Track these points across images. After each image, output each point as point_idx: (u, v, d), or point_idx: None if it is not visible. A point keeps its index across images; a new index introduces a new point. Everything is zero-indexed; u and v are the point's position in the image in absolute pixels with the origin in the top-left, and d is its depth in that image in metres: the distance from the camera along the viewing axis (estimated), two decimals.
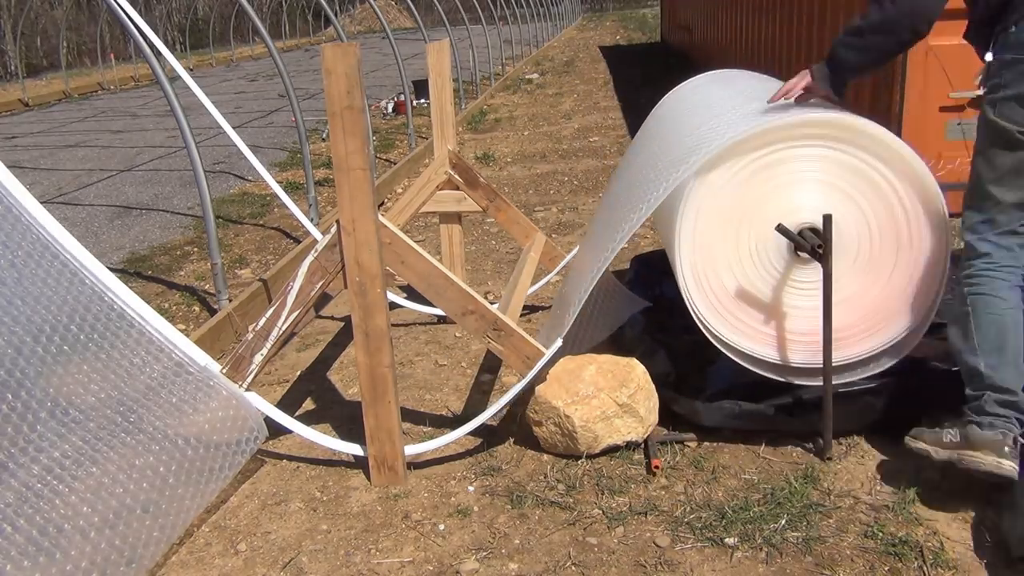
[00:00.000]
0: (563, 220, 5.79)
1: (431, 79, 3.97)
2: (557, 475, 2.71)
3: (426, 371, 3.59)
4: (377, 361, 2.60)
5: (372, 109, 11.50)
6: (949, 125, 4.69)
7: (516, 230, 4.14)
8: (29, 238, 2.42)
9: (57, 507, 2.06)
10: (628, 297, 3.34)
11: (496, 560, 2.35)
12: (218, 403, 2.61)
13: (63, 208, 7.29)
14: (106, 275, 2.56)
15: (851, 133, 2.52)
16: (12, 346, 2.13)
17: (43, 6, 25.61)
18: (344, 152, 2.44)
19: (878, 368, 2.67)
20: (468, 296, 2.68)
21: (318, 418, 3.22)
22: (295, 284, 2.62)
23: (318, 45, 3.13)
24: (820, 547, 2.28)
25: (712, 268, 2.66)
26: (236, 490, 2.78)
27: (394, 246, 2.61)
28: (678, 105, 3.49)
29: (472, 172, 4.03)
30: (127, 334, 2.51)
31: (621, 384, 2.74)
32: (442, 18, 12.06)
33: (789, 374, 2.70)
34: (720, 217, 2.62)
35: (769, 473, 2.64)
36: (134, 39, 3.95)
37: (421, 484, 2.74)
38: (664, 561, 2.28)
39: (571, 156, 8.06)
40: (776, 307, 2.68)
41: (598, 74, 15.15)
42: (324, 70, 2.37)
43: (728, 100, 3.04)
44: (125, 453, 2.30)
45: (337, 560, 2.41)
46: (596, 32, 28.49)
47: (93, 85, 19.67)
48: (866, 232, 2.59)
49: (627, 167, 3.44)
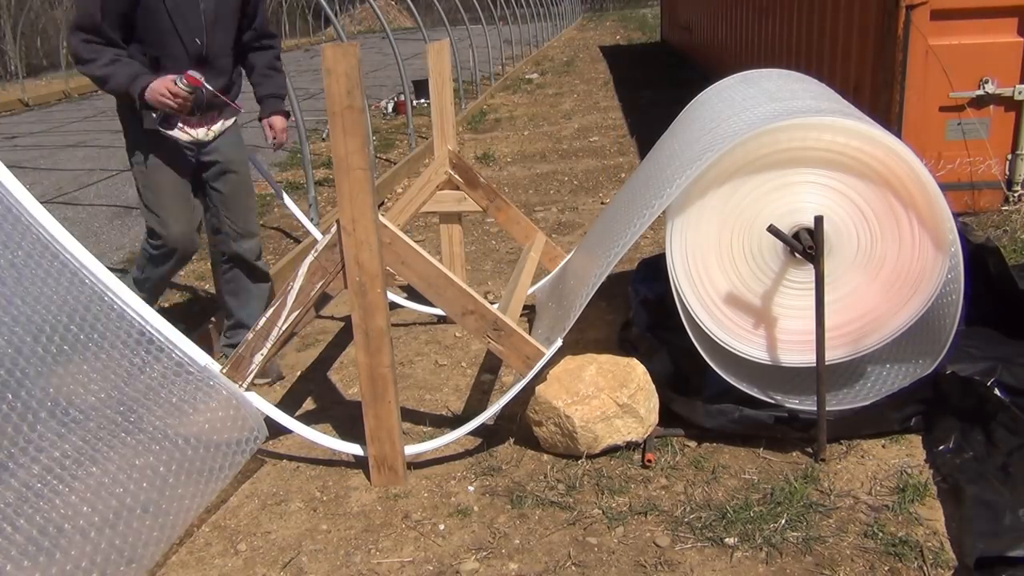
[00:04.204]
0: (563, 220, 5.79)
1: (431, 79, 3.97)
2: (557, 475, 2.71)
3: (426, 371, 3.59)
4: (377, 361, 2.60)
5: (372, 109, 11.49)
6: (949, 125, 4.69)
7: (516, 230, 4.14)
8: (29, 238, 2.42)
9: (57, 507, 2.06)
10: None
11: (496, 560, 2.34)
12: (218, 403, 2.61)
13: (63, 208, 7.29)
14: (106, 275, 2.56)
15: (849, 136, 2.52)
16: (12, 346, 2.13)
17: (43, 6, 25.58)
18: (344, 152, 2.44)
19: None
20: (468, 296, 2.68)
21: (318, 418, 3.21)
22: (295, 284, 2.61)
23: (318, 45, 3.14)
24: (820, 547, 2.28)
25: (705, 268, 2.67)
26: (236, 490, 2.78)
27: (394, 246, 2.61)
28: (703, 105, 3.47)
29: (472, 172, 4.03)
30: (127, 334, 2.50)
31: (621, 384, 2.74)
32: (442, 18, 12.05)
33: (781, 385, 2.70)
34: (715, 219, 2.62)
35: (769, 473, 2.64)
36: None
37: (421, 484, 2.74)
38: (664, 561, 2.28)
39: (571, 156, 8.06)
40: (771, 307, 2.68)
41: (598, 74, 15.14)
42: (324, 70, 2.37)
43: (746, 101, 3.03)
44: (125, 453, 2.30)
45: (337, 560, 2.41)
46: (596, 32, 28.48)
47: (93, 85, 19.62)
48: (865, 230, 2.59)
49: (644, 166, 3.45)
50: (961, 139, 4.71)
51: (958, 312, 2.55)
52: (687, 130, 3.13)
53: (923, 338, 2.70)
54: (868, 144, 2.51)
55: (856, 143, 2.52)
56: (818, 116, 2.53)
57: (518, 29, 18.88)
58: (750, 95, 3.02)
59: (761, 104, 2.80)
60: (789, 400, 2.72)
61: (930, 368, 2.64)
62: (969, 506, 2.28)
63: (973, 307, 2.70)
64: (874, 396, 2.69)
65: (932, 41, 4.50)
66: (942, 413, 2.68)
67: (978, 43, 4.54)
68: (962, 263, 2.57)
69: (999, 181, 4.78)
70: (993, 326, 2.97)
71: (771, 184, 2.59)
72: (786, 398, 2.72)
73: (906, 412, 2.72)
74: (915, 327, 2.63)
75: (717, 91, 3.42)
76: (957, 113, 4.65)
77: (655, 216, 2.60)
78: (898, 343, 2.70)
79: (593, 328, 3.77)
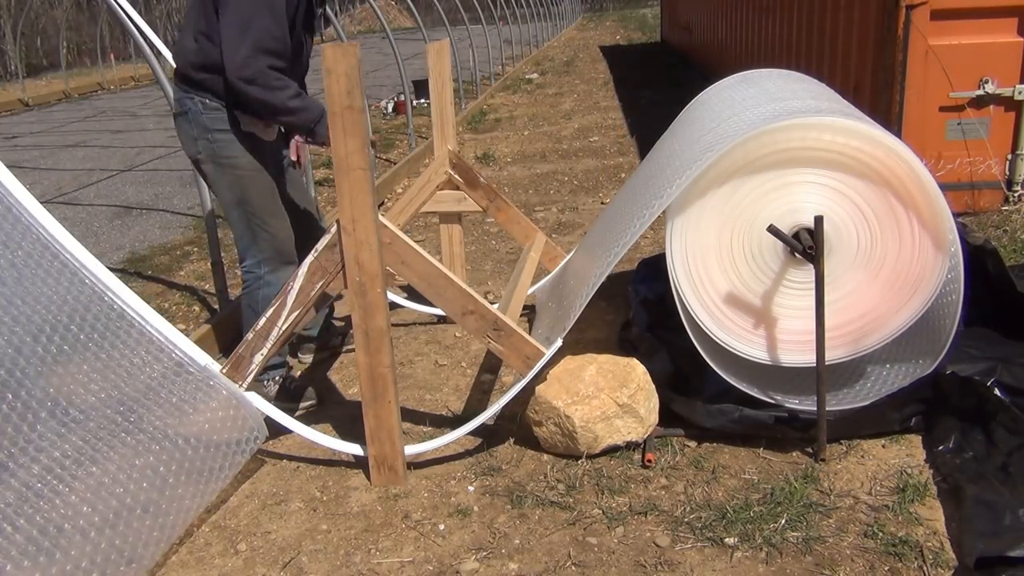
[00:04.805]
0: (563, 220, 5.79)
1: (431, 79, 3.97)
2: (557, 475, 2.71)
3: (426, 371, 3.59)
4: (377, 361, 2.60)
5: (372, 109, 11.49)
6: (949, 125, 4.69)
7: (516, 230, 4.14)
8: (29, 238, 2.42)
9: (57, 507, 2.06)
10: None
11: (496, 560, 2.35)
12: (218, 403, 2.61)
13: (63, 208, 7.29)
14: (106, 275, 2.56)
15: (849, 136, 2.52)
16: (12, 346, 2.13)
17: (43, 6, 25.58)
18: (344, 152, 2.44)
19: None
20: (468, 296, 2.68)
21: (318, 418, 3.21)
22: (295, 284, 2.62)
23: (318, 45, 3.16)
24: (820, 547, 2.28)
25: (705, 268, 2.67)
26: (236, 490, 2.78)
27: (394, 246, 2.61)
28: (703, 105, 3.47)
29: (472, 172, 4.03)
30: (127, 334, 2.50)
31: (621, 384, 2.74)
32: (442, 18, 12.05)
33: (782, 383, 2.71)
34: (715, 219, 2.62)
35: (769, 473, 2.64)
36: (134, 39, 3.95)
37: (421, 484, 2.74)
38: (664, 561, 2.28)
39: (571, 156, 8.06)
40: (771, 307, 2.68)
41: (598, 74, 15.14)
42: (324, 70, 2.37)
43: (746, 101, 3.03)
44: (125, 453, 2.30)
45: (337, 560, 2.41)
46: (596, 32, 28.48)
47: (93, 85, 19.66)
48: (865, 230, 2.59)
49: (644, 166, 3.45)
50: (961, 139, 4.71)
51: (958, 312, 2.55)
52: (687, 130, 3.13)
53: (923, 338, 2.70)
54: (868, 144, 2.51)
55: (856, 143, 2.52)
56: (818, 116, 2.53)
57: (518, 29, 18.87)
58: (750, 95, 3.02)
59: (761, 104, 2.80)
60: (789, 400, 2.72)
61: (930, 368, 2.64)
62: (969, 506, 2.28)
63: (972, 308, 2.70)
64: (874, 396, 2.69)
65: (932, 41, 4.51)
66: (942, 413, 2.68)
67: (978, 43, 4.54)
68: (962, 263, 2.57)
69: (999, 181, 4.78)
70: (992, 327, 2.97)
71: (771, 184, 2.59)
72: (786, 398, 2.72)
73: (906, 412, 2.72)
74: (915, 327, 2.63)
75: (717, 91, 3.42)
76: (957, 113, 4.66)
77: (655, 216, 2.60)
78: (898, 343, 2.70)
79: (593, 328, 3.77)
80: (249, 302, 3.13)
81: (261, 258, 3.09)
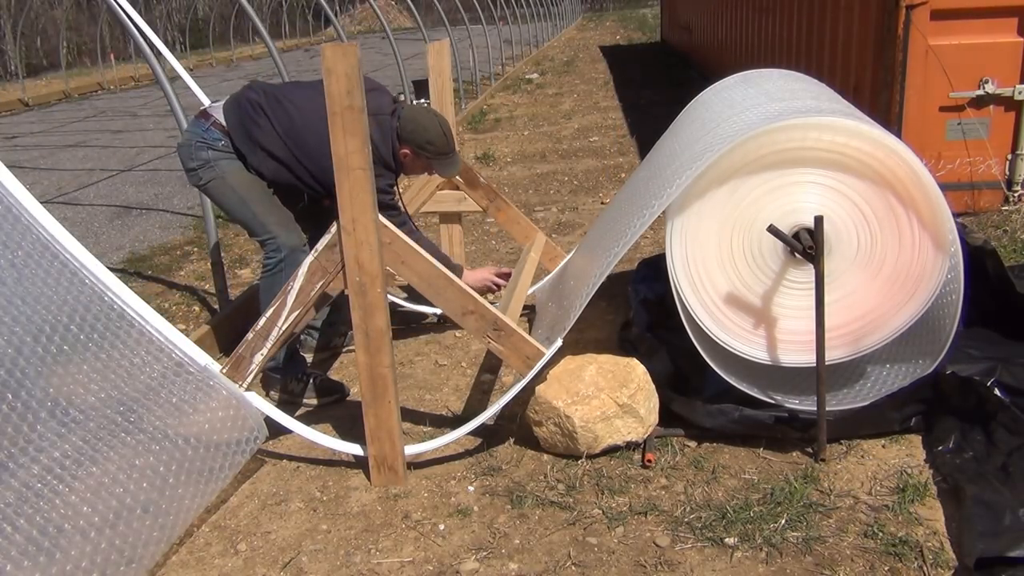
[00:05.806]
0: (563, 220, 5.79)
1: (431, 79, 3.97)
2: (557, 475, 2.71)
3: (426, 371, 3.59)
4: (377, 361, 2.60)
5: None
6: (949, 125, 4.69)
7: (516, 230, 4.14)
8: (29, 238, 2.41)
9: (57, 507, 2.06)
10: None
11: (496, 560, 2.34)
12: (218, 403, 2.61)
13: (63, 208, 7.29)
14: (106, 275, 2.56)
15: (849, 136, 2.52)
16: (12, 346, 2.13)
17: (43, 6, 25.58)
18: (344, 152, 2.44)
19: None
20: (468, 296, 2.68)
21: (318, 418, 3.21)
22: (295, 284, 2.62)
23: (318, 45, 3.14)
24: (820, 547, 2.28)
25: (705, 268, 2.67)
26: (236, 490, 2.78)
27: (394, 246, 2.61)
28: (703, 105, 3.47)
29: (472, 172, 4.03)
30: (127, 334, 2.50)
31: (621, 384, 2.74)
32: (442, 18, 12.05)
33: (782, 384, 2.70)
34: (715, 219, 2.62)
35: (769, 473, 2.64)
36: (134, 39, 3.95)
37: (421, 484, 2.73)
38: (664, 561, 2.28)
39: (571, 156, 8.06)
40: (771, 307, 2.68)
41: (598, 74, 15.14)
42: (324, 70, 2.37)
43: (746, 101, 3.03)
44: (125, 453, 2.30)
45: (337, 560, 2.41)
46: (596, 32, 28.47)
47: (93, 85, 19.66)
48: (865, 230, 2.59)
49: (644, 166, 3.44)
50: (961, 139, 4.71)
51: (958, 312, 2.55)
52: (687, 130, 3.13)
53: (923, 338, 2.70)
54: (868, 144, 2.51)
55: (856, 143, 2.52)
56: (818, 116, 2.53)
57: (518, 29, 18.87)
58: (750, 95, 3.02)
59: (761, 104, 2.80)
60: (789, 400, 2.72)
61: (930, 368, 2.64)
62: (969, 506, 2.28)
63: (972, 308, 2.70)
64: (874, 396, 2.69)
65: (932, 41, 4.51)
66: (942, 413, 2.68)
67: (978, 43, 4.54)
68: (962, 263, 2.57)
69: (999, 181, 4.78)
70: (992, 327, 2.97)
71: (771, 184, 2.59)
72: (786, 398, 2.72)
73: (906, 412, 2.72)
74: (915, 327, 2.63)
75: (717, 91, 3.42)
76: (957, 113, 4.66)
77: (655, 216, 2.60)
78: (898, 343, 2.70)
79: (593, 328, 3.77)
80: (271, 283, 3.18)
81: (280, 242, 3.20)
